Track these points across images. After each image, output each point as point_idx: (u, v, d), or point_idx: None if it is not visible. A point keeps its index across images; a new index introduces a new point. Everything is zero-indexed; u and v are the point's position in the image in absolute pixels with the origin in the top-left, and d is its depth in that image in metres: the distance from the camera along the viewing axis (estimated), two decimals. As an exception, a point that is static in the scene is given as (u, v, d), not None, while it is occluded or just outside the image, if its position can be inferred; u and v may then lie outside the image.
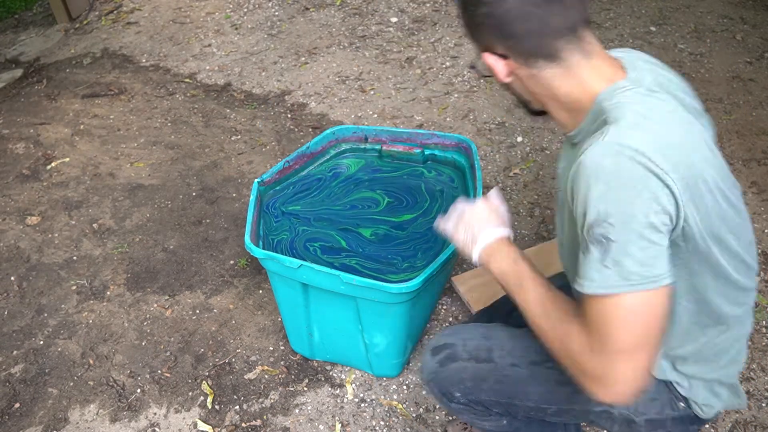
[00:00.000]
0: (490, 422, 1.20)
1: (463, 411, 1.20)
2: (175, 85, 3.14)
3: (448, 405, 1.19)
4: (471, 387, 1.14)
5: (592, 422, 1.16)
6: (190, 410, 1.70)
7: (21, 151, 2.75)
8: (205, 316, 1.95)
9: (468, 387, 1.14)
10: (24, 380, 1.80)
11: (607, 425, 1.15)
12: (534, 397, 1.13)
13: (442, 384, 1.17)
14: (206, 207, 2.38)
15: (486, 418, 1.19)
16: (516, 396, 1.14)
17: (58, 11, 3.81)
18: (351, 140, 1.88)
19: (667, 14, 3.44)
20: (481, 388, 1.14)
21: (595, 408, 1.11)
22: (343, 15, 3.63)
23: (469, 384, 1.14)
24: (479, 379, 1.14)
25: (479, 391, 1.14)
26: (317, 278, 1.43)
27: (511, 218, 1.18)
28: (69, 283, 2.09)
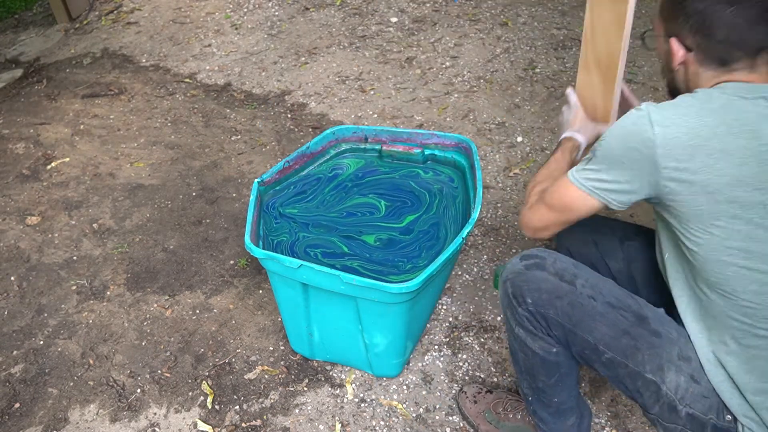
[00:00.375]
0: (542, 343, 1.22)
1: (523, 322, 1.22)
2: (175, 85, 3.14)
3: (516, 309, 1.22)
4: (545, 299, 1.18)
5: (637, 392, 1.16)
6: (190, 410, 1.70)
7: (21, 151, 2.75)
8: (205, 316, 1.95)
9: (542, 298, 1.18)
10: (24, 380, 1.80)
11: (650, 401, 1.15)
12: (597, 334, 1.15)
13: (519, 286, 1.21)
14: (206, 207, 2.38)
15: (541, 337, 1.22)
16: (580, 326, 1.16)
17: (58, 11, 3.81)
18: (351, 140, 1.88)
19: (667, 14, 3.44)
20: (553, 304, 1.17)
21: (647, 374, 1.13)
22: (343, 15, 3.63)
23: (545, 296, 1.18)
24: (555, 295, 1.18)
25: (550, 306, 1.18)
26: (317, 278, 1.43)
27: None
28: (69, 283, 2.10)
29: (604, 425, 1.60)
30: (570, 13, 3.48)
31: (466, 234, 1.46)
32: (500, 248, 2.11)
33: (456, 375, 1.74)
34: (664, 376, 1.12)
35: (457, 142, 1.81)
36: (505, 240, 2.14)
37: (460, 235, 1.45)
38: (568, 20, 3.41)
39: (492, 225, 2.21)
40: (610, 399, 1.66)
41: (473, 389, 1.62)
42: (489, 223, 2.21)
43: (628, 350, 1.14)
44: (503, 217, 2.23)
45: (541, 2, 3.60)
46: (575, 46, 3.17)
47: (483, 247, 2.12)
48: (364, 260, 1.60)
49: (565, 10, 3.51)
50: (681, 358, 1.13)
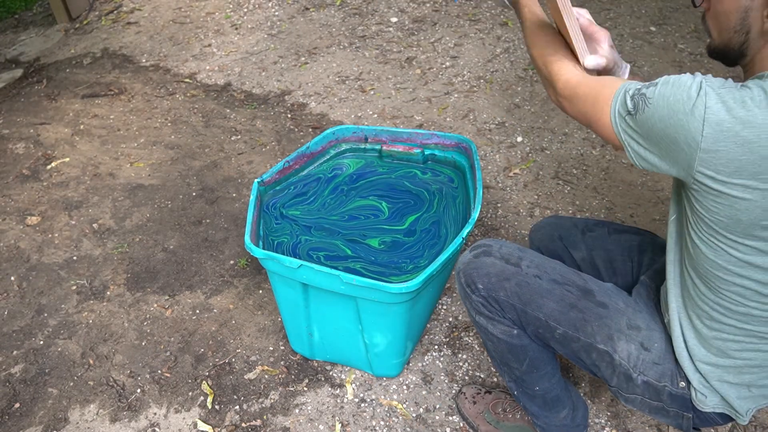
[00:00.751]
0: (501, 326, 1.26)
1: (480, 308, 1.26)
2: (175, 85, 3.14)
3: (470, 297, 1.26)
4: (494, 283, 1.22)
5: (594, 365, 1.20)
6: (190, 410, 1.70)
7: (21, 151, 2.75)
8: (205, 316, 1.95)
9: (492, 282, 1.22)
10: (24, 380, 1.80)
11: (607, 373, 1.19)
12: (546, 310, 1.19)
13: (470, 275, 1.25)
14: (206, 207, 2.38)
15: (499, 320, 1.25)
16: (530, 304, 1.20)
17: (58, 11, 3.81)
18: (351, 140, 1.88)
19: (667, 14, 3.44)
20: (502, 286, 1.21)
21: (599, 345, 1.17)
22: (343, 15, 3.63)
23: (494, 279, 1.22)
24: (503, 278, 1.22)
25: (499, 289, 1.22)
26: (317, 278, 1.43)
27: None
28: (69, 283, 2.09)
29: (604, 425, 1.60)
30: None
31: (466, 234, 1.46)
32: (500, 248, 2.11)
33: (456, 375, 1.74)
34: (615, 346, 1.16)
35: (457, 142, 1.81)
36: (505, 240, 2.14)
37: (460, 235, 1.45)
38: (568, 20, 3.41)
39: (492, 225, 2.21)
40: (610, 399, 1.66)
41: (472, 390, 1.63)
42: (489, 223, 2.21)
43: (578, 323, 1.18)
44: (503, 217, 2.23)
45: (541, 2, 3.60)
46: (575, 46, 3.17)
47: (483, 247, 2.12)
48: (367, 263, 1.60)
49: (565, 10, 3.50)
50: (630, 327, 1.17)
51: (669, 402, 1.16)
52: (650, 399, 1.17)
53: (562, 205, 2.27)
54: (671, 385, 1.14)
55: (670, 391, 1.14)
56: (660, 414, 1.19)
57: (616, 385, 1.20)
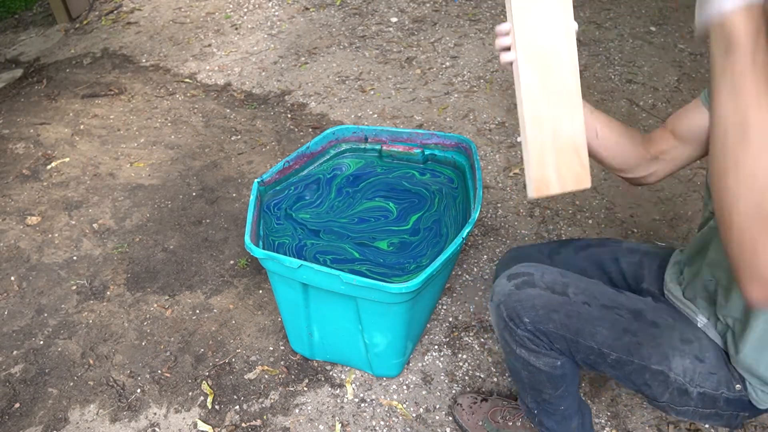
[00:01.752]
0: (546, 359, 1.20)
1: (524, 342, 1.19)
2: (175, 85, 3.14)
3: (514, 331, 1.19)
4: (542, 315, 1.15)
5: (645, 385, 1.16)
6: (190, 410, 1.70)
7: (21, 151, 2.75)
8: (205, 316, 1.95)
9: (539, 315, 1.15)
10: (24, 380, 1.80)
11: (659, 391, 1.14)
12: (599, 338, 1.14)
13: (514, 307, 1.17)
14: (206, 207, 2.38)
15: (545, 353, 1.19)
16: (582, 334, 1.14)
17: (58, 11, 3.81)
18: (351, 140, 1.88)
19: (667, 14, 3.44)
20: (551, 318, 1.15)
21: (653, 366, 1.12)
22: (343, 15, 3.63)
23: (541, 312, 1.15)
24: (551, 309, 1.15)
25: (548, 321, 1.15)
26: (317, 278, 1.43)
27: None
28: (69, 283, 2.09)
29: (604, 425, 1.60)
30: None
31: (466, 234, 1.46)
32: (500, 248, 2.11)
33: (456, 375, 1.74)
34: (670, 364, 1.13)
35: (457, 142, 1.81)
36: (505, 240, 2.14)
37: (460, 235, 1.45)
38: (568, 20, 3.41)
39: (492, 225, 2.21)
40: (610, 399, 1.66)
41: (468, 400, 1.60)
42: (489, 223, 2.21)
43: (632, 347, 1.14)
44: (503, 217, 2.23)
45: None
46: (575, 46, 3.17)
47: (483, 247, 2.12)
48: (374, 265, 1.60)
49: (565, 10, 3.51)
50: (683, 341, 1.13)
51: (725, 407, 1.13)
52: (704, 408, 1.14)
53: (562, 205, 2.27)
54: (728, 391, 1.11)
55: (726, 397, 1.12)
56: (711, 419, 1.16)
57: (667, 400, 1.16)
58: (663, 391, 1.14)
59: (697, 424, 1.59)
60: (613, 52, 3.10)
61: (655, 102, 2.76)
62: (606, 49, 3.13)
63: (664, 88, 2.85)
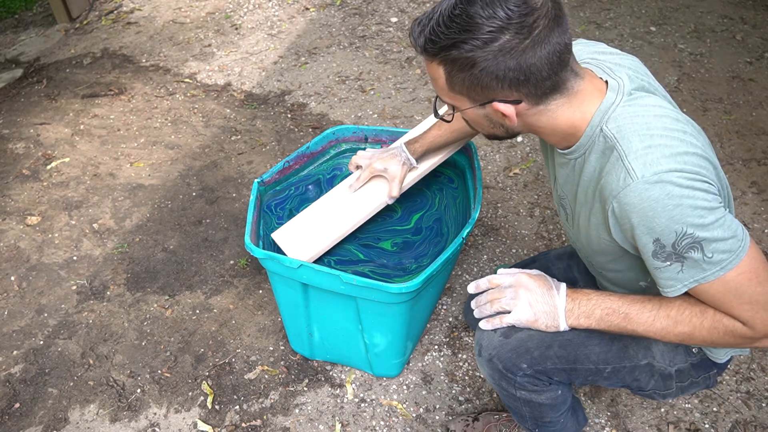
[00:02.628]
0: (548, 393, 1.21)
1: (525, 386, 1.18)
2: (175, 85, 3.14)
3: (512, 379, 1.18)
4: (538, 356, 1.14)
5: (635, 380, 1.19)
6: (190, 410, 1.70)
7: (21, 151, 2.75)
8: (205, 316, 1.95)
9: (535, 357, 1.14)
10: (24, 380, 1.80)
11: (645, 381, 1.18)
12: (593, 357, 1.16)
13: (508, 358, 1.15)
14: (206, 207, 2.38)
15: (546, 389, 1.20)
16: (578, 359, 1.15)
17: (58, 11, 3.80)
18: (351, 140, 1.88)
19: (667, 14, 3.44)
20: (548, 356, 1.14)
21: (642, 362, 1.16)
22: (343, 15, 3.63)
23: (536, 353, 1.14)
24: (545, 346, 1.14)
25: (546, 359, 1.14)
26: (317, 278, 1.43)
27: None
28: (69, 283, 2.09)
29: (604, 425, 1.60)
30: (570, 13, 3.47)
31: (466, 234, 1.46)
32: (500, 248, 2.11)
33: (456, 375, 1.74)
34: (653, 353, 1.17)
35: (457, 142, 1.81)
36: (505, 240, 2.14)
37: (460, 236, 1.45)
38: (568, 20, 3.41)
39: (492, 225, 2.20)
40: (610, 399, 1.66)
41: (460, 425, 1.58)
42: (489, 223, 2.21)
43: (621, 352, 1.17)
44: (503, 217, 2.23)
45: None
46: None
47: (483, 247, 2.12)
48: (377, 266, 1.60)
49: (565, 10, 3.51)
50: None
51: (695, 373, 1.18)
52: (682, 382, 1.18)
53: (562, 205, 2.27)
54: (690, 357, 1.16)
55: (692, 363, 1.17)
56: (691, 389, 1.21)
57: (653, 388, 1.19)
58: (648, 380, 1.18)
59: (696, 424, 1.59)
60: (613, 52, 3.10)
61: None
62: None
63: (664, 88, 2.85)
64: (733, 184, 2.31)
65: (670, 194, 0.89)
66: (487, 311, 1.15)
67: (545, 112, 0.99)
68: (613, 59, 1.08)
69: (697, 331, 0.99)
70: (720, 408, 1.63)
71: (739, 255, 0.92)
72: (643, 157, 0.91)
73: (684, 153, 0.92)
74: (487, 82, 0.93)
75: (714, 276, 0.93)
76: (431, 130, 1.53)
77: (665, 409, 1.63)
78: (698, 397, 1.66)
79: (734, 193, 2.27)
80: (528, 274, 1.13)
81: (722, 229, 0.91)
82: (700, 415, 1.61)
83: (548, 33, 0.89)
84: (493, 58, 0.90)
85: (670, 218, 0.90)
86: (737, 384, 1.68)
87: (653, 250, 0.94)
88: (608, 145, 0.97)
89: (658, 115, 0.97)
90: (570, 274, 1.41)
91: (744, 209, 2.21)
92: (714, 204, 0.91)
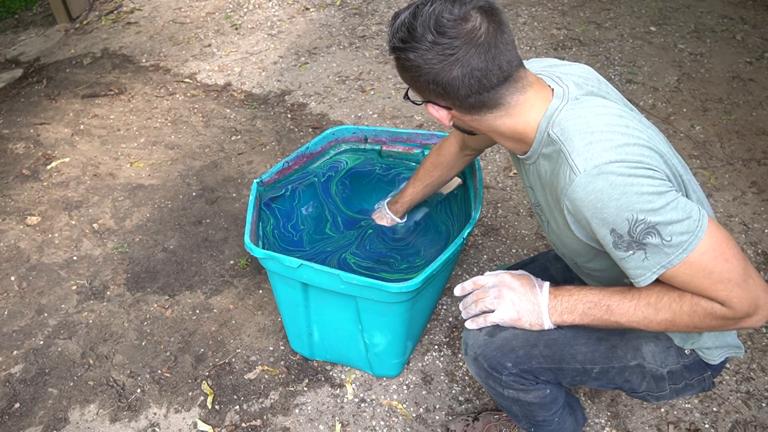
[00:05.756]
0: (536, 392, 1.22)
1: (511, 384, 1.20)
2: (175, 85, 3.14)
3: (498, 378, 1.19)
4: (522, 355, 1.16)
5: (626, 381, 1.19)
6: (190, 410, 1.70)
7: (21, 151, 2.75)
8: (205, 316, 1.95)
9: (519, 355, 1.16)
10: (24, 380, 1.80)
11: (637, 383, 1.19)
12: (580, 357, 1.17)
13: (493, 356, 1.17)
14: (206, 207, 2.38)
15: (533, 388, 1.21)
16: (564, 359, 1.16)
17: (58, 11, 3.80)
18: (351, 140, 1.88)
19: (667, 14, 3.44)
20: (533, 355, 1.16)
21: (631, 363, 1.17)
22: (343, 15, 3.63)
23: (521, 352, 1.16)
24: (530, 345, 1.16)
25: (530, 358, 1.16)
26: (317, 278, 1.43)
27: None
28: (69, 283, 2.09)
29: (604, 425, 1.60)
30: (570, 13, 3.48)
31: (467, 234, 1.46)
32: (500, 248, 2.11)
33: (456, 375, 1.74)
34: (643, 354, 1.17)
35: (457, 142, 1.81)
36: (505, 240, 2.14)
37: (461, 235, 1.45)
38: (568, 20, 3.41)
39: (492, 225, 2.21)
40: (610, 399, 1.66)
41: (460, 425, 1.58)
42: (489, 223, 2.21)
43: (609, 352, 1.17)
44: (503, 217, 2.23)
45: (541, 2, 3.60)
46: (575, 46, 3.17)
47: (483, 247, 2.12)
48: (361, 258, 1.61)
49: (565, 10, 3.51)
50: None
51: (689, 375, 1.18)
52: (676, 384, 1.18)
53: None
54: (683, 358, 1.16)
55: (685, 365, 1.17)
56: (686, 391, 1.20)
57: (645, 390, 1.19)
58: (641, 382, 1.18)
59: (696, 424, 1.59)
60: (613, 52, 3.10)
61: (655, 102, 2.76)
62: (606, 49, 3.13)
63: (664, 88, 2.85)
64: (733, 184, 2.32)
65: (614, 184, 0.92)
66: (472, 311, 1.18)
67: (482, 121, 1.06)
68: (563, 70, 1.12)
69: (678, 317, 1.00)
70: (720, 408, 1.63)
71: (697, 235, 0.93)
72: (585, 152, 0.95)
73: (624, 144, 0.95)
74: (419, 85, 1.03)
75: (678, 259, 0.94)
76: (407, 188, 1.67)
77: (665, 409, 1.63)
78: (698, 397, 1.66)
79: (734, 193, 2.28)
80: (511, 273, 1.16)
81: (675, 211, 0.92)
82: (700, 415, 1.61)
83: (467, 57, 0.96)
84: (420, 67, 0.99)
85: (618, 207, 0.93)
86: (737, 384, 1.68)
87: (613, 241, 0.96)
88: (555, 148, 1.01)
89: (600, 113, 1.00)
90: (568, 274, 1.42)
91: (744, 209, 2.21)
92: (662, 189, 0.93)
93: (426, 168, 1.62)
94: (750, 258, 2.02)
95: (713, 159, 2.44)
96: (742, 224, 2.15)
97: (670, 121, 2.64)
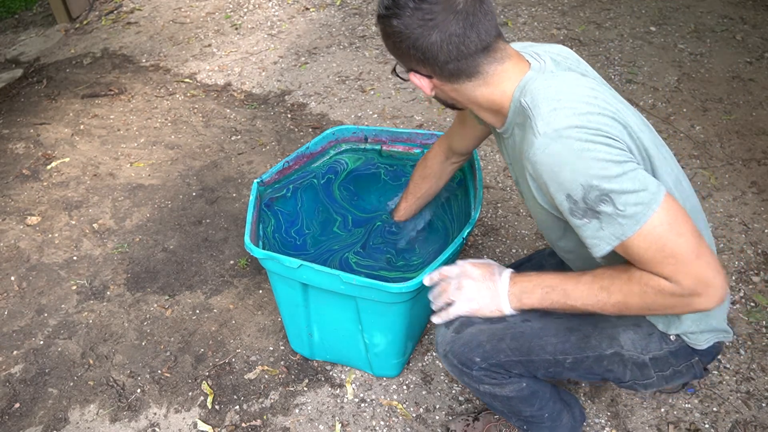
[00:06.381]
0: (511, 386, 1.22)
1: (483, 379, 1.21)
2: (175, 85, 3.14)
3: (469, 373, 1.20)
4: (490, 349, 1.17)
5: (607, 371, 1.19)
6: (190, 410, 1.70)
7: (21, 151, 2.75)
8: (205, 316, 1.95)
9: (487, 350, 1.17)
10: (24, 380, 1.80)
11: (620, 372, 1.18)
12: (549, 348, 1.17)
13: (461, 352, 1.18)
14: (206, 207, 2.38)
15: (506, 382, 1.21)
16: (533, 351, 1.17)
17: (58, 11, 3.81)
18: (351, 140, 1.88)
19: (667, 14, 3.44)
20: (500, 348, 1.17)
21: (607, 351, 1.16)
22: (343, 15, 3.63)
23: (488, 346, 1.17)
24: (497, 339, 1.17)
25: (498, 352, 1.17)
26: (317, 278, 1.43)
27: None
28: (69, 283, 2.09)
29: (604, 425, 1.60)
30: (570, 13, 3.48)
31: (467, 234, 1.46)
32: (500, 248, 2.11)
33: (456, 375, 1.74)
34: (620, 342, 1.16)
35: (457, 142, 1.81)
36: (505, 240, 2.14)
37: (461, 235, 1.45)
38: (568, 20, 3.41)
39: (492, 225, 2.21)
40: (610, 399, 1.66)
41: (461, 424, 1.58)
42: (489, 223, 2.21)
43: (581, 342, 1.17)
44: (503, 217, 2.23)
45: (541, 2, 3.60)
46: (575, 46, 3.17)
47: (483, 247, 2.12)
48: (360, 257, 1.61)
49: (565, 10, 3.51)
50: (619, 316, 1.17)
51: (676, 362, 1.17)
52: (662, 371, 1.18)
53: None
54: (668, 345, 1.16)
55: (671, 351, 1.16)
56: (675, 379, 1.20)
57: (631, 379, 1.19)
58: (624, 371, 1.18)
59: (696, 424, 1.59)
60: (613, 52, 3.11)
61: (655, 102, 2.76)
62: (606, 49, 3.13)
63: (664, 88, 2.85)
64: (733, 184, 2.32)
65: (571, 148, 0.94)
66: (439, 303, 1.20)
67: (460, 90, 1.08)
68: (542, 48, 1.14)
69: (629, 298, 1.00)
70: (720, 408, 1.63)
71: (651, 206, 0.93)
72: (547, 117, 0.97)
73: (588, 113, 0.96)
74: (401, 52, 1.06)
75: (631, 230, 0.94)
76: (400, 204, 1.69)
77: (665, 409, 1.63)
78: (698, 397, 1.66)
79: (734, 193, 2.28)
80: (472, 262, 1.18)
81: (631, 181, 0.93)
82: (700, 415, 1.61)
83: (445, 23, 0.99)
84: (401, 33, 1.02)
85: (573, 171, 0.94)
86: (737, 384, 1.68)
87: (569, 207, 0.97)
88: (525, 115, 1.03)
89: (572, 85, 1.02)
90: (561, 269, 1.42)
91: (744, 209, 2.21)
92: (619, 158, 0.93)
93: (415, 182, 1.64)
94: (750, 258, 2.02)
95: (713, 159, 2.44)
96: (742, 224, 2.15)
97: (670, 121, 2.64)
